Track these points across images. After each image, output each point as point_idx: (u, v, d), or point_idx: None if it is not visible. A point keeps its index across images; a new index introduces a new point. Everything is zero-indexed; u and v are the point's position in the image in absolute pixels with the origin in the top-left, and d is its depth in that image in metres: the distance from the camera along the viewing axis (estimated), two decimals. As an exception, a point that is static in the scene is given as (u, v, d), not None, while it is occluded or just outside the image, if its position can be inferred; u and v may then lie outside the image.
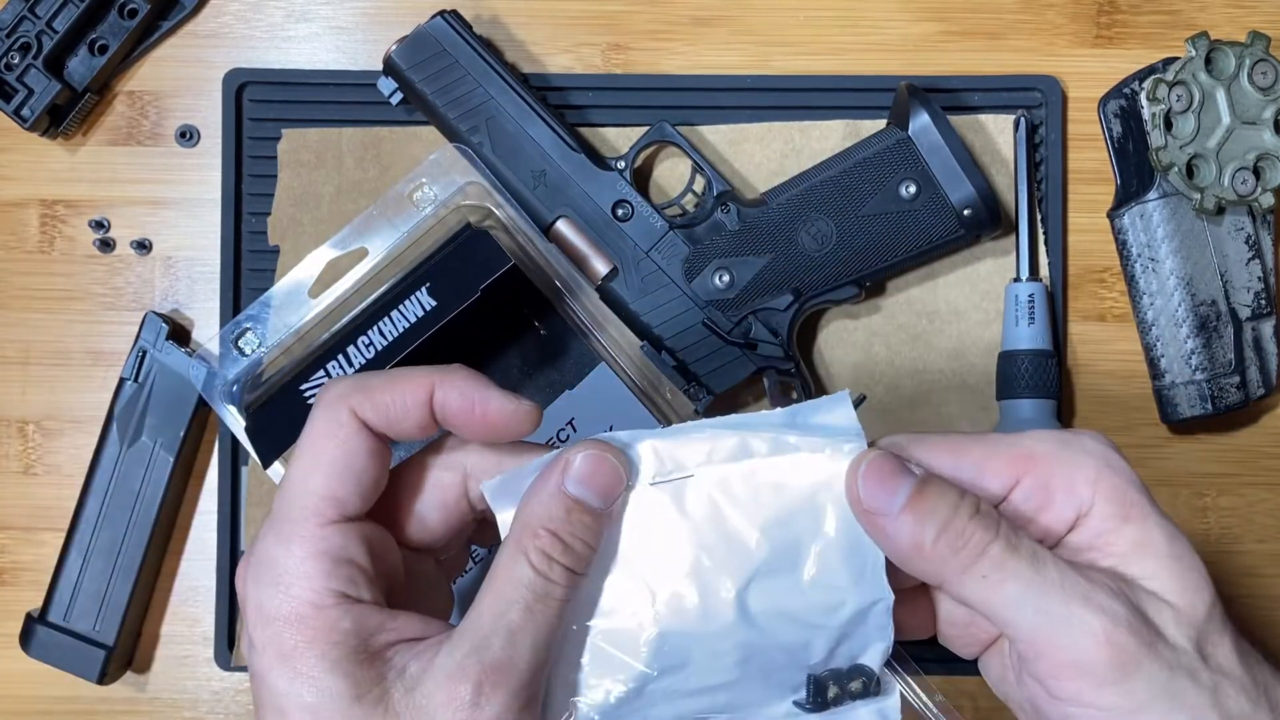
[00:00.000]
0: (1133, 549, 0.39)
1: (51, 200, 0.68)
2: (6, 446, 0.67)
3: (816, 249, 0.63)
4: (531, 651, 0.39)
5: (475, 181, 0.61)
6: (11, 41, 0.64)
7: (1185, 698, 0.38)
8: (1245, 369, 0.65)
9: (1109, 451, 0.40)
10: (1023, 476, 0.40)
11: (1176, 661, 0.38)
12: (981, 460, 0.40)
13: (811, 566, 0.41)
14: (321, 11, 0.68)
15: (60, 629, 0.64)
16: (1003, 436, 0.41)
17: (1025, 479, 0.40)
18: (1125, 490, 0.39)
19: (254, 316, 0.61)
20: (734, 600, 0.40)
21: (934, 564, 0.39)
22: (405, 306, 0.58)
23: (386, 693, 0.38)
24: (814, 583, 0.41)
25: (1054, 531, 0.40)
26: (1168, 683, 0.38)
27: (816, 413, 0.42)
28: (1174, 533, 0.40)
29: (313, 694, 0.38)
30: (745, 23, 0.67)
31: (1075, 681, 0.38)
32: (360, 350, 0.58)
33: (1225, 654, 0.39)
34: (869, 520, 0.39)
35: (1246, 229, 0.65)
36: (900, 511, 0.38)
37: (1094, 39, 0.67)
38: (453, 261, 0.59)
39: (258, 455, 0.58)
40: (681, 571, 0.41)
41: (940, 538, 0.38)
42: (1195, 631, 0.39)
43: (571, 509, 0.39)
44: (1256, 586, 0.67)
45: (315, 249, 0.61)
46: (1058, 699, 0.38)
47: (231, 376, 0.60)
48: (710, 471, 0.41)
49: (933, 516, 0.38)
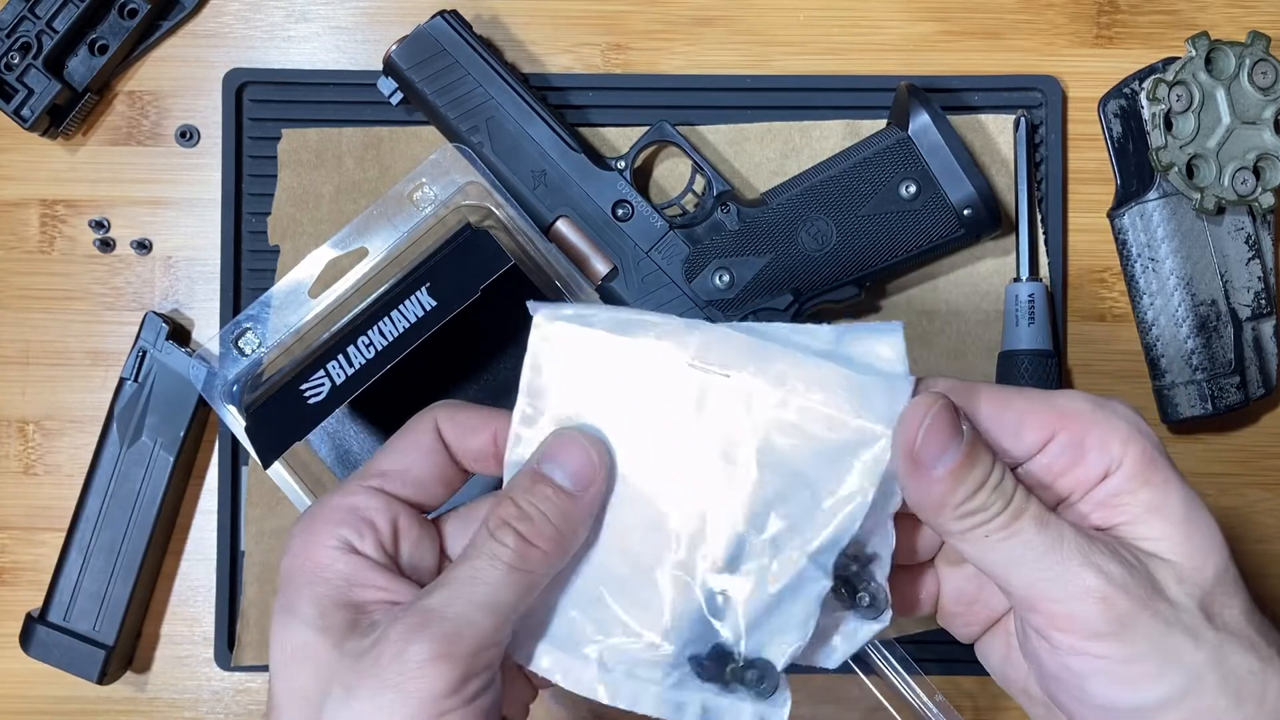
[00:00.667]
0: (1146, 511, 0.40)
1: (51, 200, 0.68)
2: (6, 446, 0.67)
3: (816, 249, 0.63)
4: (485, 616, 0.40)
5: (475, 181, 0.61)
6: (11, 41, 0.64)
7: (1182, 652, 0.38)
8: (1245, 369, 0.65)
9: (1138, 419, 0.41)
10: (1059, 432, 0.41)
11: (1175, 618, 0.39)
12: (1023, 413, 0.41)
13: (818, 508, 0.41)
14: (321, 11, 0.68)
15: (60, 629, 0.64)
16: (1041, 393, 0.42)
17: (1061, 434, 0.41)
18: (1152, 455, 0.40)
19: (254, 316, 0.61)
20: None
21: (949, 521, 0.40)
22: (405, 306, 0.58)
23: (358, 643, 0.39)
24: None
25: (1081, 485, 0.41)
26: (1163, 637, 0.38)
27: (865, 339, 0.42)
28: (1191, 498, 0.40)
29: (299, 633, 0.40)
30: (745, 23, 0.67)
31: (1072, 635, 0.39)
32: (360, 350, 0.58)
33: (1234, 615, 0.40)
34: (913, 468, 0.40)
35: (1246, 229, 0.65)
36: (945, 471, 0.39)
37: (1094, 39, 0.67)
38: (453, 261, 0.59)
39: (258, 455, 0.58)
40: (673, 470, 0.41)
41: (966, 502, 0.39)
42: (1201, 591, 0.39)
43: (537, 480, 0.41)
44: (1257, 586, 0.67)
45: (315, 249, 0.61)
46: (1058, 649, 0.39)
47: (231, 376, 0.60)
48: (745, 382, 0.41)
49: (968, 483, 0.39)
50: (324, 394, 0.57)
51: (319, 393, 0.57)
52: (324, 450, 0.64)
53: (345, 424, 0.64)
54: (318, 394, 0.57)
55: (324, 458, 0.63)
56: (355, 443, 0.63)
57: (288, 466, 0.60)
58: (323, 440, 0.64)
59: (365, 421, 0.64)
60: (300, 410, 0.57)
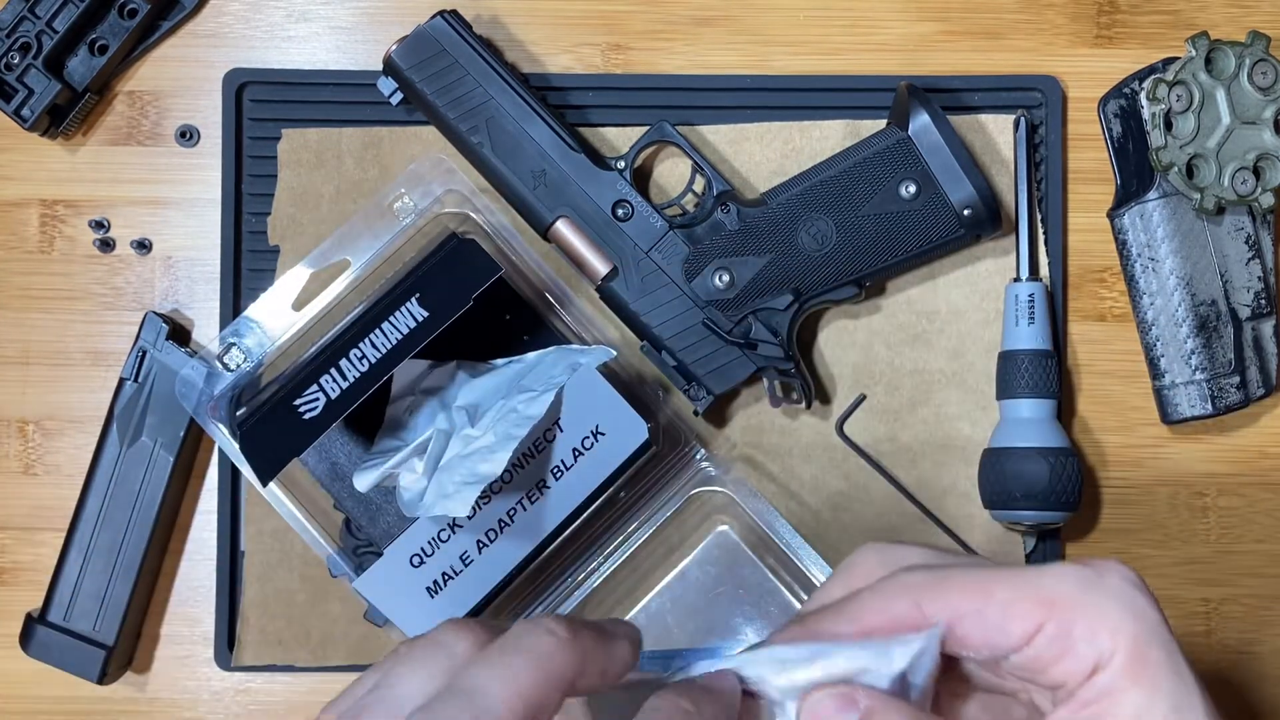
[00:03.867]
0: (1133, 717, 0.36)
1: (51, 200, 0.68)
2: (6, 446, 0.67)
3: (816, 249, 0.63)
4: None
5: (454, 189, 0.61)
6: (11, 41, 0.64)
7: None
8: (1245, 369, 0.65)
9: (1135, 593, 0.37)
10: (1046, 622, 0.37)
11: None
12: (1007, 604, 0.37)
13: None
14: (321, 11, 0.68)
15: (60, 629, 0.64)
16: (1025, 574, 0.38)
17: (1049, 625, 0.37)
18: (1144, 647, 0.37)
19: (237, 332, 0.61)
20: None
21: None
22: (396, 319, 0.58)
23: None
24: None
25: (1071, 680, 0.37)
26: None
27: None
28: (1182, 699, 0.37)
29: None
30: (745, 23, 0.67)
31: None
32: (354, 364, 0.58)
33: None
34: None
35: (1246, 229, 0.65)
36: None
37: (1094, 39, 0.67)
38: (441, 271, 0.59)
39: (254, 472, 0.57)
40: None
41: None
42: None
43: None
44: (1257, 586, 0.67)
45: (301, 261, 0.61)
46: None
47: (217, 393, 0.60)
48: None
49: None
50: (319, 409, 0.57)
51: (314, 408, 0.57)
52: (312, 462, 0.63)
53: (331, 436, 0.63)
54: (312, 409, 0.57)
55: (312, 469, 0.63)
56: (342, 455, 0.63)
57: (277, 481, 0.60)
58: (310, 453, 0.63)
59: (351, 433, 0.63)
60: (295, 426, 0.57)
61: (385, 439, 0.61)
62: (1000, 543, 0.66)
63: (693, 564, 0.66)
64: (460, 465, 0.57)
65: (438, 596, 0.59)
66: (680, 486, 0.62)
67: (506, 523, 0.59)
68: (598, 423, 0.59)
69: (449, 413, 0.60)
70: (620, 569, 0.63)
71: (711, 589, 0.66)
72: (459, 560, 0.59)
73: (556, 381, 0.58)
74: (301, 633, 0.66)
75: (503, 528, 0.59)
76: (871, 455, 0.65)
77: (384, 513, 0.63)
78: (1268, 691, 0.67)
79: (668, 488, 0.62)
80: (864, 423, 0.66)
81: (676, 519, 0.63)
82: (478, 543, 0.59)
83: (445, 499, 0.56)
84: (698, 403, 0.63)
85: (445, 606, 0.59)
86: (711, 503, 0.64)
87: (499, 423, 0.58)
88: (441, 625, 0.37)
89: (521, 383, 0.60)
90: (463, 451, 0.58)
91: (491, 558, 0.59)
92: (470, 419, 0.59)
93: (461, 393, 0.61)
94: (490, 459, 0.56)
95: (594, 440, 0.59)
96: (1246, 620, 0.67)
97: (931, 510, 0.65)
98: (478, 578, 0.59)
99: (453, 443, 0.59)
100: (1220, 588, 0.67)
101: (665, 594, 0.66)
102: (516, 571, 0.60)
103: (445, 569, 0.59)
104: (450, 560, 0.59)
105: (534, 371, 0.60)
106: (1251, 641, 0.67)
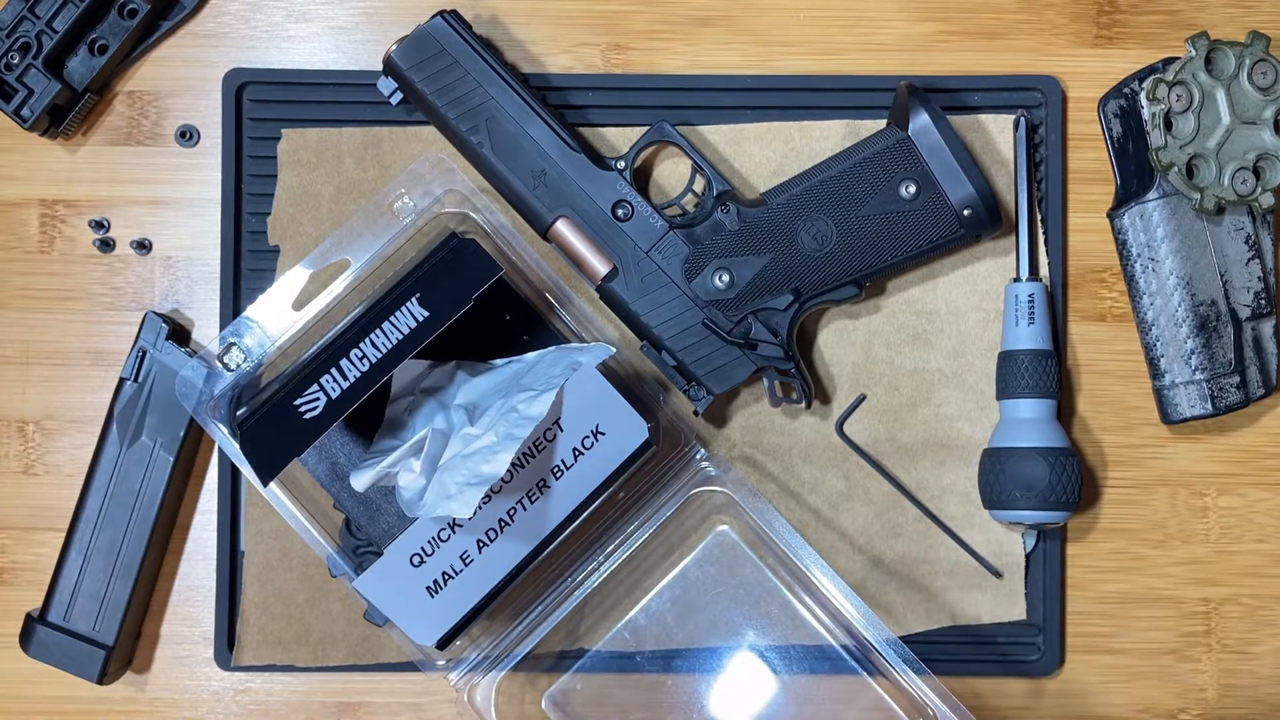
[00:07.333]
0: None
1: (51, 200, 0.68)
2: (6, 446, 0.67)
3: (816, 249, 0.63)
4: None
5: (454, 190, 0.61)
6: (11, 41, 0.64)
7: None
8: (1245, 369, 0.65)
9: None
10: None
11: None
12: None
13: None
14: (321, 11, 0.68)
15: (60, 629, 0.64)
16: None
17: None
18: None
19: (237, 332, 0.61)
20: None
21: None
22: (396, 318, 0.58)
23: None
24: None
25: None
26: None
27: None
28: None
29: None
30: (745, 23, 0.67)
31: None
32: (354, 364, 0.58)
33: None
34: None
35: (1246, 229, 0.65)
36: None
37: (1094, 39, 0.67)
38: (442, 271, 0.59)
39: (255, 472, 0.58)
40: None
41: None
42: None
43: None
44: (1256, 586, 0.67)
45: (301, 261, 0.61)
46: None
47: (217, 393, 0.60)
48: None
49: None
50: (319, 409, 0.57)
51: (314, 407, 0.57)
52: (312, 462, 0.63)
53: (331, 436, 0.63)
54: (313, 409, 0.57)
55: (312, 469, 0.63)
56: (342, 455, 0.63)
57: (277, 481, 0.60)
58: (310, 452, 0.63)
59: (351, 433, 0.63)
60: (296, 426, 0.57)
61: (384, 439, 0.61)
62: (1000, 543, 0.66)
63: (693, 564, 0.66)
64: (462, 465, 0.57)
65: (438, 596, 0.59)
66: (680, 486, 0.62)
67: (507, 522, 0.59)
68: (598, 422, 0.59)
69: (448, 413, 0.60)
70: (620, 569, 0.63)
71: (711, 589, 0.66)
72: (459, 560, 0.59)
73: (556, 381, 0.58)
74: (301, 633, 0.66)
75: (503, 527, 0.59)
76: (871, 455, 0.66)
77: (384, 513, 0.63)
78: (1268, 691, 0.67)
79: (668, 488, 0.62)
80: (864, 423, 0.66)
81: (676, 519, 0.63)
82: (478, 542, 0.59)
83: (448, 500, 0.56)
84: (698, 403, 0.63)
85: (445, 606, 0.59)
86: (711, 503, 0.64)
87: (500, 423, 0.58)
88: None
89: (521, 382, 0.60)
90: (464, 451, 0.58)
91: (492, 557, 0.59)
92: (469, 417, 0.59)
93: (461, 392, 0.61)
94: (493, 459, 0.56)
95: (594, 440, 0.59)
96: (1246, 620, 0.67)
97: (931, 510, 0.65)
98: (478, 577, 0.59)
99: (453, 442, 0.59)
100: (1220, 588, 0.67)
101: (665, 594, 0.66)
102: (516, 571, 0.60)
103: (445, 569, 0.59)
104: (450, 560, 0.59)
105: (534, 371, 0.60)
106: (1251, 641, 0.67)
